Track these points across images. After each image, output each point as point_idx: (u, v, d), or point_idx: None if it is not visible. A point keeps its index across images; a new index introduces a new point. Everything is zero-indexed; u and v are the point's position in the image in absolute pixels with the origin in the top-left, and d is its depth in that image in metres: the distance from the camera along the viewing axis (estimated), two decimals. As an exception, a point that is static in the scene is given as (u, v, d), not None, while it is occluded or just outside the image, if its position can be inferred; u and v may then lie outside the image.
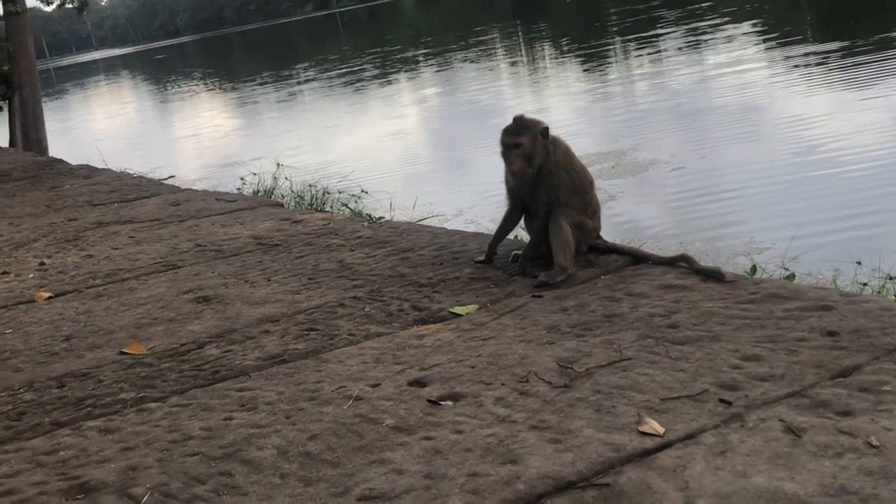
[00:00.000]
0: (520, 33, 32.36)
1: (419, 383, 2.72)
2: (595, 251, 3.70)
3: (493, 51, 29.38)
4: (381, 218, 7.03)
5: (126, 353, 3.33)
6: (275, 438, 2.47)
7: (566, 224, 3.55)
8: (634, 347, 2.75)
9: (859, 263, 5.25)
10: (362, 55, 33.75)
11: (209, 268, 4.44)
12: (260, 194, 9.01)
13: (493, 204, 10.42)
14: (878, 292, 4.71)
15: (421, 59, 30.18)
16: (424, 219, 8.43)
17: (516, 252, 3.78)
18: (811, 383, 2.37)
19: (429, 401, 2.57)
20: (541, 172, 3.59)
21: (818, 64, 15.78)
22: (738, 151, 11.13)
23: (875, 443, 2.03)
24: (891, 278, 5.28)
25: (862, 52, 15.85)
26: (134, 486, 2.31)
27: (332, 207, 8.58)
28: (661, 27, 25.80)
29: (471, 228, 9.65)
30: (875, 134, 10.54)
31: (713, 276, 3.28)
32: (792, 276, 5.01)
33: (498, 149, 3.65)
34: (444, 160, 14.33)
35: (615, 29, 27.49)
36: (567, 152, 3.64)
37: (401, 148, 15.59)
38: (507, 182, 3.72)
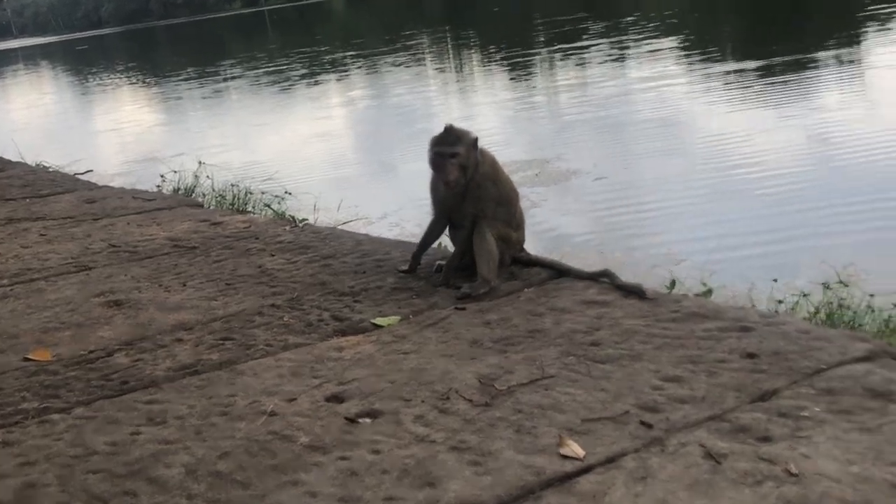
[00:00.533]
0: (448, 39, 32.38)
1: (337, 399, 2.64)
2: (518, 263, 3.67)
3: (421, 55, 29.36)
4: (304, 220, 6.91)
5: (30, 360, 3.18)
6: (183, 456, 2.37)
7: (490, 236, 3.50)
8: (556, 365, 2.72)
9: (775, 280, 5.31)
10: (290, 54, 33.41)
11: (123, 270, 4.29)
12: (180, 192, 8.79)
13: (417, 207, 10.36)
14: (793, 309, 4.77)
15: (349, 60, 29.98)
16: (349, 221, 8.31)
17: (440, 262, 3.72)
18: (731, 407, 2.36)
19: (346, 418, 2.50)
20: (469, 184, 3.54)
21: (737, 82, 16.07)
22: (658, 164, 11.26)
23: (794, 471, 2.03)
24: (804, 295, 5.36)
25: (779, 71, 16.19)
26: (31, 505, 2.19)
27: (254, 207, 8.42)
28: (587, 39, 26.06)
29: (395, 232, 9.58)
30: (790, 153, 10.75)
31: (635, 292, 3.27)
32: (709, 292, 5.05)
33: (426, 156, 3.59)
34: (369, 163, 14.22)
35: (542, 39, 27.68)
36: (494, 164, 3.60)
37: (326, 149, 15.43)
38: (433, 192, 3.67)
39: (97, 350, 3.24)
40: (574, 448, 2.22)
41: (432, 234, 3.78)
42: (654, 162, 11.59)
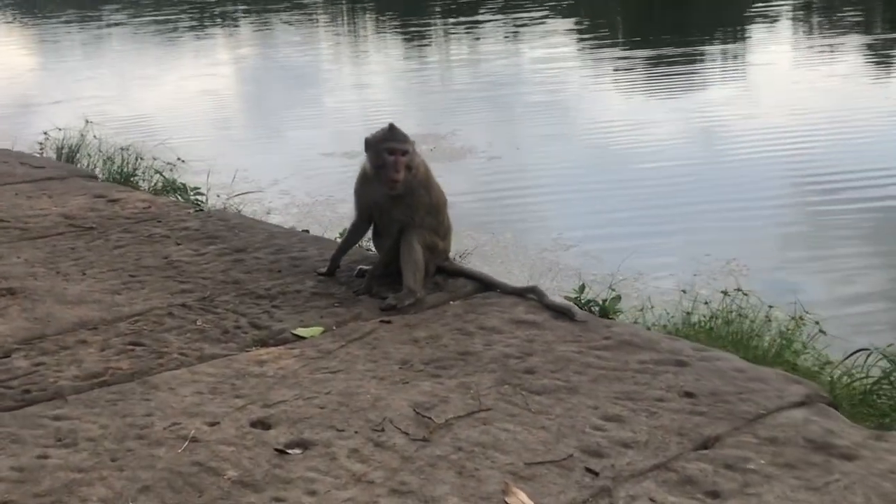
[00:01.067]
0: (343, 1, 31.83)
1: (263, 424, 2.50)
2: (443, 273, 3.56)
3: (314, 15, 28.79)
4: (199, 196, 6.64)
5: (-84, 358, 2.92)
6: (99, 488, 2.20)
7: (418, 245, 3.38)
8: (492, 395, 2.63)
9: (684, 292, 5.37)
10: (178, 4, 32.27)
11: (14, 250, 4.00)
12: (64, 151, 8.36)
13: (306, 176, 10.16)
14: (711, 319, 4.82)
15: (240, 15, 29.15)
16: (245, 193, 8.08)
17: (362, 267, 3.59)
18: (675, 454, 2.32)
19: (276, 449, 2.36)
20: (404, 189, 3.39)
21: (631, 69, 16.28)
22: (550, 148, 11.31)
23: (748, 534, 2.00)
24: (705, 303, 5.44)
25: (672, 61, 16.47)
26: (-71, 544, 1.99)
27: (144, 174, 8.06)
28: (486, 13, 26.01)
29: (285, 200, 9.38)
30: (678, 145, 10.93)
31: (564, 313, 3.21)
32: (618, 298, 5.06)
33: (364, 153, 3.40)
34: (257, 126, 13.87)
35: (439, 9, 27.48)
36: (427, 170, 3.47)
37: (213, 109, 14.95)
38: (358, 193, 3.52)
39: (-8, 349, 3.00)
40: (521, 497, 2.14)
41: (353, 236, 3.64)
42: (546, 145, 11.64)
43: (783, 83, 14.02)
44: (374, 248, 3.72)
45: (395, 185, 3.31)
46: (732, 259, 6.97)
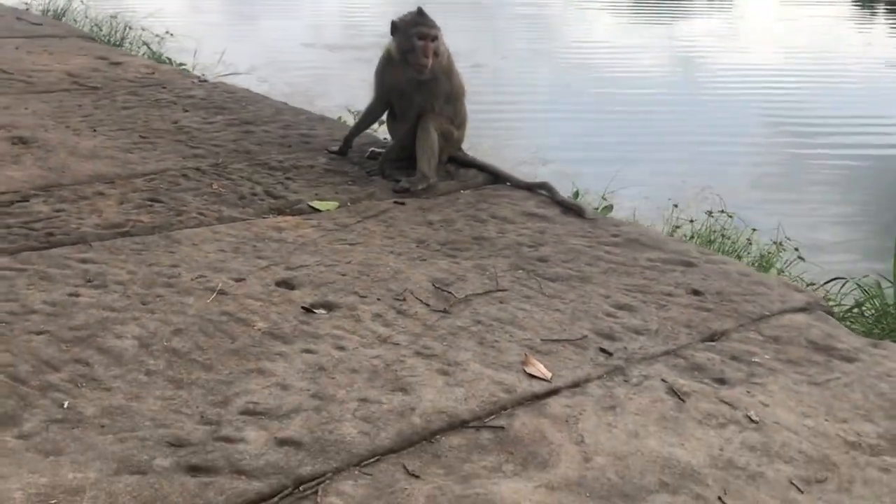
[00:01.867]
0: None
1: (287, 284, 2.56)
2: (455, 163, 3.61)
3: None
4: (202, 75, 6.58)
5: (-65, 193, 2.93)
6: (133, 327, 2.26)
7: (434, 132, 3.42)
8: (508, 278, 2.72)
9: (676, 206, 5.48)
10: None
11: (21, 102, 3.98)
12: (49, 14, 8.19)
13: (286, 66, 10.07)
14: (692, 238, 4.94)
15: None
16: (228, 74, 8.00)
17: (374, 149, 3.63)
18: (684, 343, 2.43)
19: (302, 307, 2.43)
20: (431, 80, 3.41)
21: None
22: (533, 63, 11.30)
23: (755, 417, 2.11)
24: (690, 221, 5.56)
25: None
26: (-27, 362, 2.04)
27: (131, 44, 7.94)
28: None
29: (264, 88, 9.29)
30: (659, 73, 10.98)
31: (574, 210, 3.29)
32: (610, 207, 5.17)
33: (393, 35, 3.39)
34: (237, 10, 13.63)
35: None
36: (450, 59, 3.49)
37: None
38: (379, 76, 3.53)
39: (9, 192, 3.02)
40: (540, 368, 2.24)
41: (369, 117, 3.67)
42: (531, 60, 11.62)
43: (768, 19, 14.03)
44: (388, 132, 3.74)
45: (422, 70, 3.32)
46: (707, 187, 7.07)
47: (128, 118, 3.89)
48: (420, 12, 3.33)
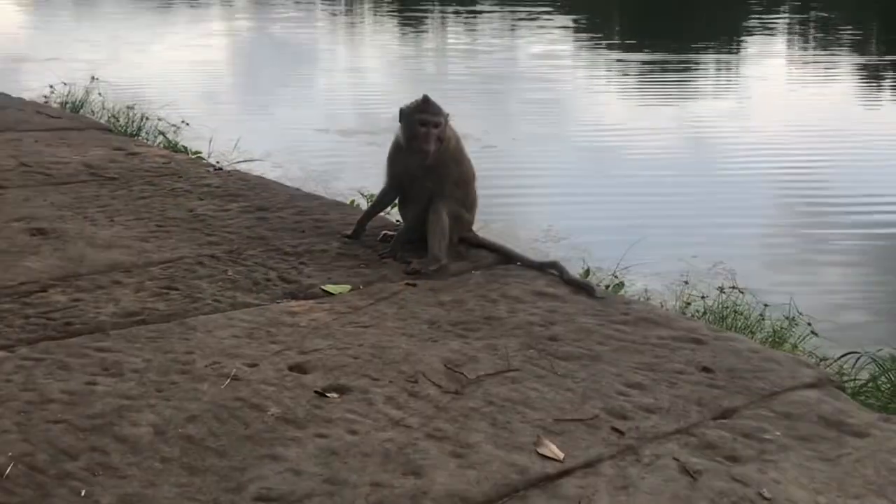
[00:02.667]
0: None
1: (300, 369, 2.59)
2: (465, 243, 3.67)
3: (312, -7, 28.85)
4: (219, 164, 6.70)
5: (-44, 285, 2.99)
6: (149, 415, 2.29)
7: (445, 215, 3.49)
8: (519, 357, 2.74)
9: (686, 282, 5.51)
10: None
11: (40, 194, 4.07)
12: (68, 106, 8.39)
13: (301, 151, 10.23)
14: (704, 315, 4.95)
15: (237, -14, 29.11)
16: (244, 161, 8.14)
17: (386, 232, 3.69)
18: (696, 421, 2.44)
19: (315, 392, 2.46)
20: (434, 160, 3.49)
21: (627, 72, 16.42)
22: (544, 143, 11.43)
23: (767, 495, 2.12)
24: (702, 297, 5.58)
25: (667, 67, 16.62)
26: (-8, 453, 2.07)
27: (147, 134, 8.11)
28: (486, 2, 26.13)
29: (278, 173, 9.41)
30: (669, 150, 11.09)
31: (584, 289, 3.33)
32: (621, 285, 5.19)
33: (399, 123, 3.49)
34: (252, 98, 13.90)
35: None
36: (459, 144, 3.58)
37: (209, 79, 14.95)
38: (391, 161, 3.61)
39: (29, 282, 3.08)
40: (553, 449, 2.25)
41: (382, 201, 3.74)
42: (542, 140, 11.77)
43: (778, 97, 14.19)
44: (399, 216, 3.81)
45: (426, 156, 3.40)
46: (718, 262, 7.11)
47: (144, 207, 3.97)
48: (425, 100, 3.42)
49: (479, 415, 2.40)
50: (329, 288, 3.20)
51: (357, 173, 8.97)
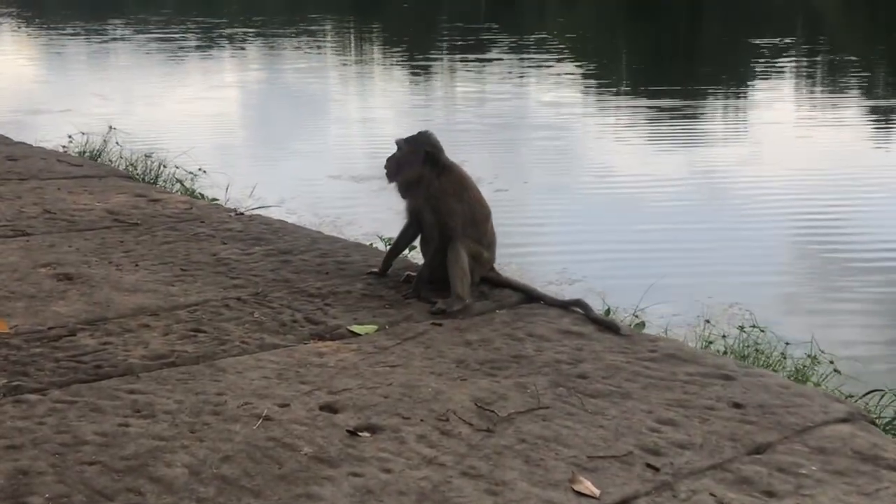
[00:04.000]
0: (352, 29, 32.17)
1: (331, 408, 2.59)
2: (488, 283, 3.68)
3: (322, 42, 29.10)
4: (244, 209, 6.75)
5: (-14, 330, 3.01)
6: (183, 455, 2.29)
7: (464, 253, 3.51)
8: (549, 395, 2.74)
9: (708, 321, 5.50)
10: (185, 22, 32.53)
11: (65, 240, 4.10)
12: (86, 155, 8.47)
13: (315, 198, 10.28)
14: (725, 354, 4.93)
15: (247, 37, 29.41)
16: (260, 208, 8.19)
17: (409, 273, 3.70)
18: (730, 457, 2.42)
19: (347, 431, 2.46)
20: (427, 195, 3.58)
21: (638, 118, 16.52)
22: (555, 187, 11.47)
23: (807, 529, 2.10)
24: (723, 336, 5.56)
25: (677, 113, 16.71)
26: (29, 494, 2.07)
27: (165, 182, 8.18)
28: (494, 50, 26.35)
29: (293, 219, 9.49)
30: (681, 192, 11.12)
31: (609, 327, 3.33)
32: (642, 325, 5.18)
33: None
34: (265, 147, 14.01)
35: (446, 44, 27.81)
36: (459, 180, 3.62)
37: (222, 129, 15.07)
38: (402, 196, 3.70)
39: (57, 327, 3.09)
40: (588, 486, 2.24)
41: (403, 238, 3.78)
42: (553, 185, 11.82)
43: (790, 141, 14.23)
44: (421, 254, 3.83)
45: (387, 178, 3.69)
46: (735, 303, 7.09)
47: (168, 252, 4.00)
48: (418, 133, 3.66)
49: (513, 452, 2.39)
50: (355, 328, 3.20)
51: (371, 218, 9.00)
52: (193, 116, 15.90)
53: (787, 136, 14.67)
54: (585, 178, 12.29)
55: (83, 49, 26.58)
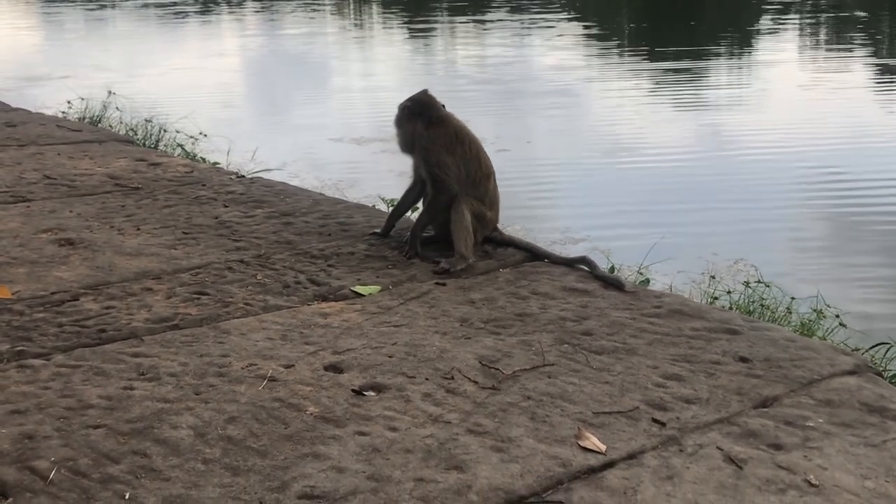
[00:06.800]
0: (351, -8, 31.93)
1: (335, 368, 2.59)
2: (492, 243, 3.66)
3: (322, 6, 28.90)
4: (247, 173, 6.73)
5: (-11, 296, 3.00)
6: (188, 417, 2.28)
7: (468, 213, 3.49)
8: (554, 352, 2.73)
9: (713, 277, 5.47)
10: (183, -14, 32.31)
11: (65, 205, 4.08)
12: (86, 121, 8.42)
13: (316, 161, 10.24)
14: (730, 309, 4.92)
15: (246, 3, 29.21)
16: (261, 171, 8.16)
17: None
18: (737, 411, 2.42)
19: (352, 390, 2.45)
20: (419, 147, 3.59)
21: (640, 71, 16.39)
22: (558, 144, 11.40)
23: (814, 482, 2.09)
24: (728, 292, 5.54)
25: (680, 65, 16.57)
26: (35, 458, 2.07)
27: (166, 146, 8.13)
28: (495, 11, 26.15)
29: (295, 183, 9.47)
30: (684, 147, 11.05)
31: (614, 284, 3.31)
32: (647, 281, 5.16)
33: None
34: (266, 110, 13.94)
35: (446, 6, 27.61)
36: (453, 134, 3.59)
37: (223, 92, 14.97)
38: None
39: (60, 292, 3.08)
40: (594, 441, 2.24)
41: (405, 200, 3.77)
42: (555, 142, 11.75)
43: (793, 99, 14.11)
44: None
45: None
46: (740, 259, 7.06)
47: (170, 216, 3.98)
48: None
49: (518, 409, 2.38)
50: (359, 289, 3.19)
51: (373, 180, 8.97)
52: (193, 81, 15.81)
53: (792, 93, 14.56)
54: (588, 137, 12.23)
55: (80, 15, 26.42)
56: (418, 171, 3.67)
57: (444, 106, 3.68)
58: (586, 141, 11.73)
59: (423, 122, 3.60)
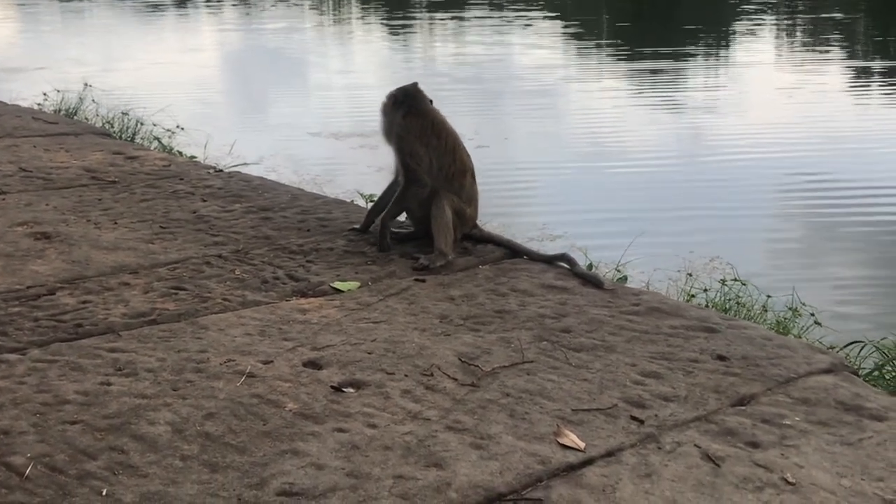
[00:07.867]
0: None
1: (314, 365, 2.58)
2: (471, 239, 3.66)
3: (300, 2, 28.80)
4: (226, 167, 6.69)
5: (-38, 290, 2.97)
6: (166, 413, 2.27)
7: (449, 209, 3.48)
8: (533, 349, 2.73)
9: (690, 275, 5.50)
10: (161, -22, 32.09)
11: (41, 198, 4.05)
12: (62, 113, 8.35)
13: (294, 155, 10.21)
14: (707, 307, 4.94)
15: (225, -5, 29.08)
16: (239, 165, 8.12)
17: (393, 230, 3.67)
18: (714, 409, 2.43)
19: (331, 387, 2.44)
20: (394, 136, 3.60)
21: (617, 72, 16.44)
22: (536, 142, 11.42)
23: (791, 479, 2.11)
24: (704, 290, 5.57)
25: (659, 69, 16.64)
26: (10, 454, 2.05)
27: (143, 139, 8.08)
28: (475, 7, 26.14)
29: (272, 177, 9.43)
30: (661, 146, 11.10)
31: (592, 281, 3.32)
32: (624, 278, 5.18)
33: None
34: (243, 104, 13.88)
35: (424, 2, 27.58)
36: (428, 126, 3.58)
37: (199, 86, 14.89)
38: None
39: (35, 286, 3.06)
40: (573, 438, 2.24)
41: (385, 195, 3.75)
42: (534, 140, 11.77)
43: (770, 99, 14.19)
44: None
45: None
46: (716, 257, 7.10)
47: (147, 210, 3.95)
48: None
49: (497, 406, 2.38)
50: (338, 285, 3.18)
51: (351, 175, 8.95)
52: (170, 75, 15.69)
53: (768, 94, 14.64)
54: (567, 134, 12.24)
55: (57, 8, 26.19)
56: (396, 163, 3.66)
57: (431, 101, 3.66)
58: (565, 139, 11.76)
59: (402, 112, 3.59)
